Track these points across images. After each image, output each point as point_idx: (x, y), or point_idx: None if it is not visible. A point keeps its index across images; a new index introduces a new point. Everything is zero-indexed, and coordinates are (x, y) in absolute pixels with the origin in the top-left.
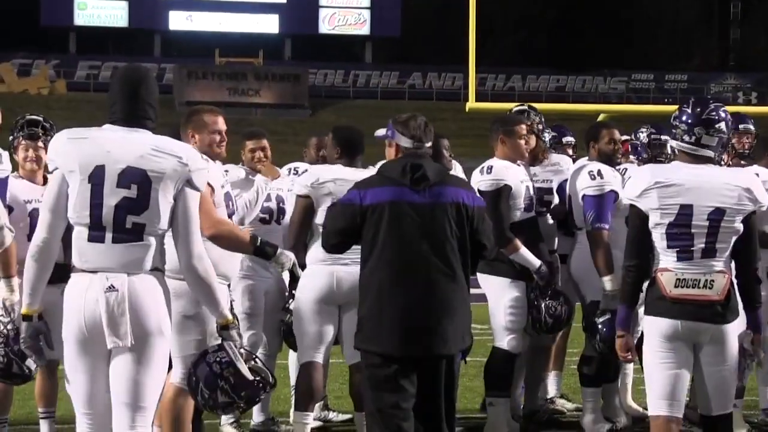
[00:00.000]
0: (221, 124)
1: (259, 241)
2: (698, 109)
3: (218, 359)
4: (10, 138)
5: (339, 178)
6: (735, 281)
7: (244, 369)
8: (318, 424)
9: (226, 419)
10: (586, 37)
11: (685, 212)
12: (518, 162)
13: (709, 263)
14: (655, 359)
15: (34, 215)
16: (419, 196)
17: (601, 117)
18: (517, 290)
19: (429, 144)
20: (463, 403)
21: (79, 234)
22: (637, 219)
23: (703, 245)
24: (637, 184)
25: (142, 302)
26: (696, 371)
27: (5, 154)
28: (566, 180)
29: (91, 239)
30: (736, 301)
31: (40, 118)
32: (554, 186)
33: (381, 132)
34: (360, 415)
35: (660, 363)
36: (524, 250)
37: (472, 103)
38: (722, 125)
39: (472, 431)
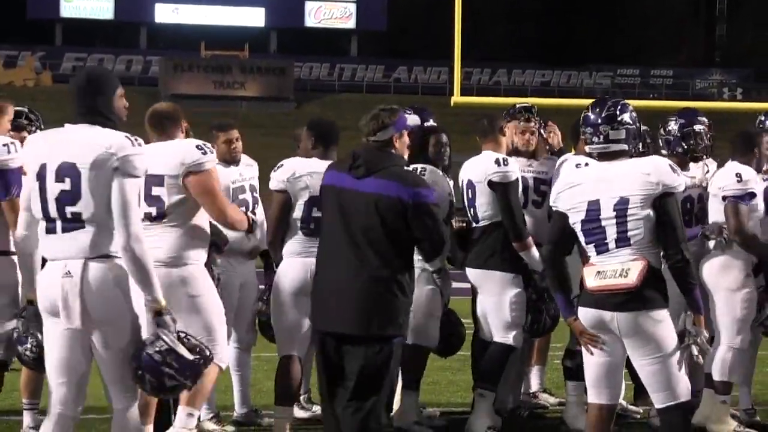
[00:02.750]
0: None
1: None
2: (598, 109)
3: (158, 349)
4: None
5: (315, 171)
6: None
7: (184, 352)
8: (305, 415)
9: (206, 414)
10: (572, 32)
11: (593, 207)
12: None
13: (623, 252)
14: (584, 348)
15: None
16: (356, 183)
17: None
18: (520, 286)
19: (376, 137)
20: (446, 396)
21: (40, 227)
22: (558, 218)
23: (615, 236)
24: (554, 189)
25: (93, 288)
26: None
27: (18, 144)
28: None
29: (47, 231)
30: (661, 288)
31: (25, 109)
32: (552, 178)
33: None
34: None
35: (587, 352)
36: (534, 250)
37: (457, 98)
38: (625, 117)
39: (454, 425)
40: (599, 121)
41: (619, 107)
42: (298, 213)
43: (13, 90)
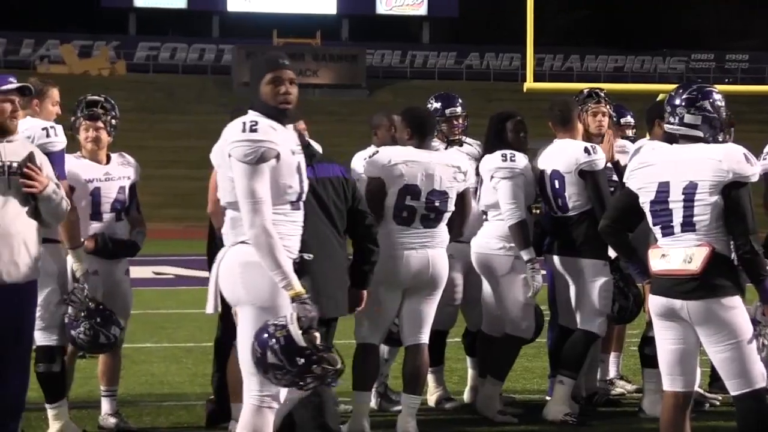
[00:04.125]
0: None
1: None
2: (681, 90)
3: (275, 322)
4: (72, 119)
5: (410, 159)
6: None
7: (296, 334)
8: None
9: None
10: (646, 16)
11: (663, 189)
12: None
13: (688, 237)
14: (657, 335)
15: (95, 194)
16: (310, 171)
17: (660, 97)
18: (606, 273)
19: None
20: (521, 383)
21: None
22: (625, 195)
23: (681, 219)
24: (629, 167)
25: (220, 274)
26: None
27: (59, 128)
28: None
29: None
30: (732, 275)
31: (101, 98)
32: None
33: None
34: (406, 397)
35: (660, 340)
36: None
37: (530, 83)
38: (705, 103)
39: (530, 412)
40: (678, 102)
41: (702, 92)
42: (391, 201)
43: (88, 79)
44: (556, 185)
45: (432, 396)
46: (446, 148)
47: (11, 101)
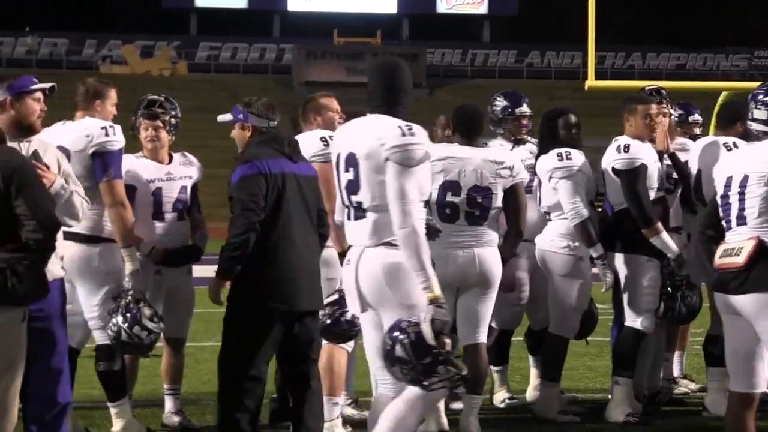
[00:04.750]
0: (336, 104)
1: None
2: (760, 87)
3: (409, 320)
4: (133, 119)
5: (450, 156)
6: None
7: (428, 333)
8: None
9: (344, 400)
10: (708, 13)
11: (727, 184)
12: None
13: (741, 230)
14: (724, 332)
15: (157, 194)
16: (297, 168)
17: (723, 95)
18: (654, 269)
19: (275, 122)
20: (584, 382)
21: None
22: (713, 199)
23: (737, 212)
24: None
25: (362, 274)
26: None
27: (118, 128)
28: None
29: (347, 218)
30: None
31: (160, 98)
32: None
33: (227, 117)
34: (468, 396)
35: (726, 337)
36: (665, 235)
37: (591, 81)
38: None
39: (593, 411)
40: (751, 98)
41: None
42: (433, 197)
43: (150, 79)
44: (603, 181)
45: (495, 395)
46: (512, 148)
47: (39, 101)
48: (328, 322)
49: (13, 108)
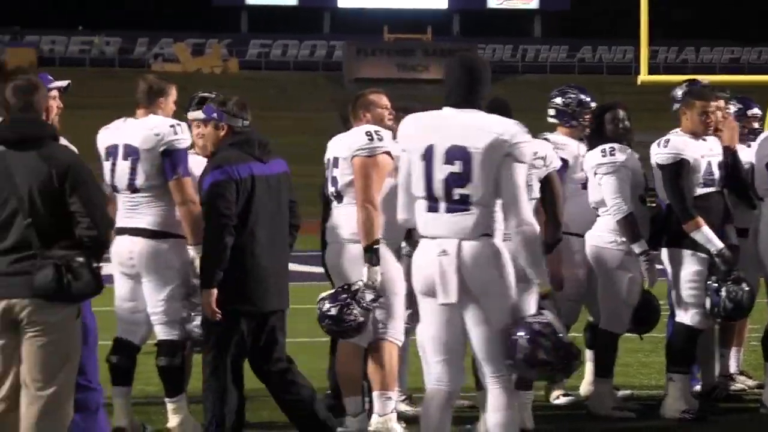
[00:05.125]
0: (386, 100)
1: None
2: None
3: (539, 320)
4: (185, 116)
5: None
6: None
7: (561, 331)
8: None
9: (398, 396)
10: (762, 6)
11: None
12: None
13: None
14: None
15: None
16: (265, 168)
17: None
18: (698, 264)
19: (248, 121)
20: (639, 379)
21: (421, 205)
22: None
23: None
24: None
25: (470, 265)
26: None
27: (185, 126)
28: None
29: (428, 210)
30: None
31: (211, 95)
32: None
33: (198, 114)
34: (481, 393)
35: None
36: (706, 229)
37: (644, 76)
38: None
39: (648, 408)
40: None
41: None
42: None
43: (201, 77)
44: (653, 175)
45: (550, 391)
46: (583, 142)
47: (55, 99)
48: (333, 312)
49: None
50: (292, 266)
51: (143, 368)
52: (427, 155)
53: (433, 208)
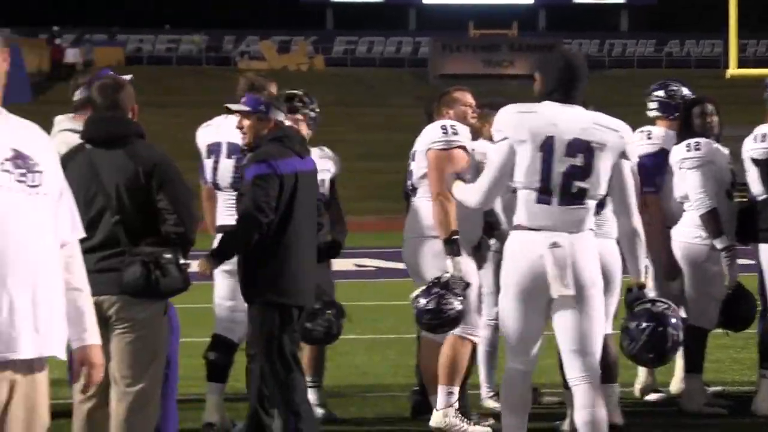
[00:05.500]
0: (470, 98)
1: None
2: None
3: (668, 312)
4: None
5: None
6: None
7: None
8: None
9: (486, 392)
10: None
11: None
12: None
13: None
14: None
15: None
16: (304, 164)
17: None
18: None
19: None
20: (730, 375)
21: (528, 197)
22: None
23: None
24: None
25: (581, 258)
26: None
27: None
28: None
29: (538, 201)
30: None
31: (299, 92)
32: None
33: (242, 107)
34: (604, 386)
35: None
36: None
37: (733, 70)
38: None
39: (740, 405)
40: None
41: None
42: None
43: (287, 74)
44: (747, 170)
45: (638, 386)
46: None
47: None
48: (431, 306)
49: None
50: (379, 263)
51: (234, 365)
52: (546, 146)
53: (543, 200)
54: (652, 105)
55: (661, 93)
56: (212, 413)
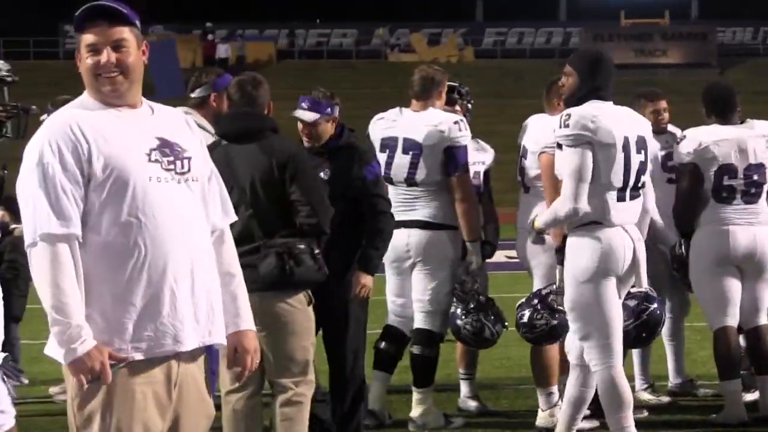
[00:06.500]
0: None
1: None
2: None
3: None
4: None
5: (719, 138)
6: None
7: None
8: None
9: (640, 385)
10: None
11: None
12: None
13: None
14: None
15: None
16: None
17: None
18: None
19: None
20: None
21: (610, 196)
22: None
23: None
24: None
25: (641, 249)
26: None
27: (465, 122)
28: None
29: (618, 199)
30: None
31: (455, 84)
32: None
33: (314, 116)
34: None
35: None
36: None
37: None
38: None
39: None
40: None
41: None
42: (708, 183)
43: (438, 66)
44: None
45: None
46: None
47: None
48: (525, 319)
49: (214, 103)
50: (498, 255)
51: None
52: (626, 146)
53: (621, 197)
54: None
55: None
56: (375, 401)
